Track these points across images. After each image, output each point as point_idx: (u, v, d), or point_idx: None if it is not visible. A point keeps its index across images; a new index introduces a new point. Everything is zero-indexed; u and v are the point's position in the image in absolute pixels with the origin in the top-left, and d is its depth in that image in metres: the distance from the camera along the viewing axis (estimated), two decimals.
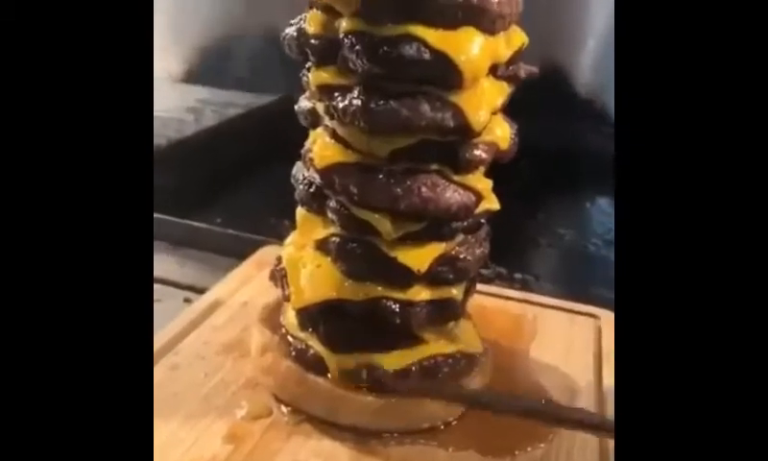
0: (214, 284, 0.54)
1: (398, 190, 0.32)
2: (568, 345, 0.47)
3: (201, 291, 0.55)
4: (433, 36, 0.30)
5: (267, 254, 0.59)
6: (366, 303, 0.35)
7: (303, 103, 0.37)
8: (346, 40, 0.31)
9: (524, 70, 0.35)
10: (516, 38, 0.34)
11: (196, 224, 0.64)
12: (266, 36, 1.11)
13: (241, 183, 0.79)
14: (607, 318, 0.50)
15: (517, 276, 0.63)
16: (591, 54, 1.03)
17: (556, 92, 1.04)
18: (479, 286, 0.45)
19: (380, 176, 0.33)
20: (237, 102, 1.05)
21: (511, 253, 0.66)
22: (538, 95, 1.09)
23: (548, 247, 0.72)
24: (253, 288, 0.53)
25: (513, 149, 0.36)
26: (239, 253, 0.59)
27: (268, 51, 1.10)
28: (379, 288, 0.35)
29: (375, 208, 0.33)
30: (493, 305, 0.51)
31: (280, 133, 0.40)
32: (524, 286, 0.61)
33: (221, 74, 1.17)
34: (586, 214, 0.84)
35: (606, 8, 1.00)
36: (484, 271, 0.63)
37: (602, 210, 0.85)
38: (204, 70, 1.19)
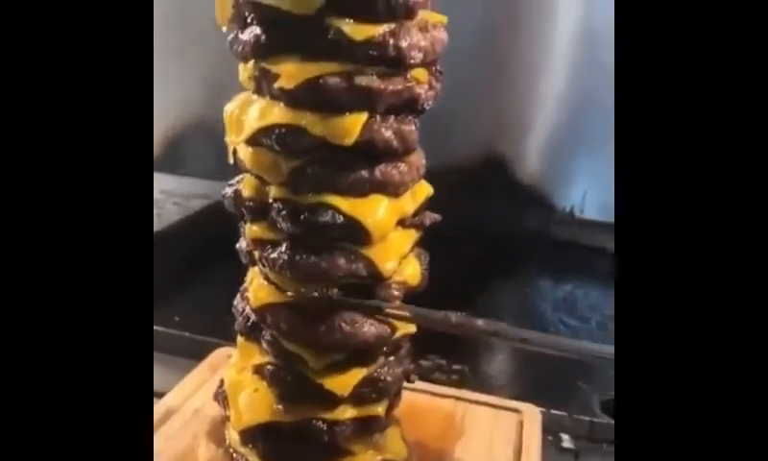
0: (170, 386, 0.58)
1: (322, 327, 0.38)
2: (491, 441, 0.52)
3: (158, 394, 0.59)
4: (345, 204, 0.36)
5: (221, 355, 0.63)
6: (297, 424, 0.40)
7: (242, 244, 0.42)
8: (274, 205, 0.37)
9: (429, 218, 0.41)
10: (420, 192, 0.41)
11: (154, 327, 0.68)
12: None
13: (199, 280, 0.84)
14: (528, 412, 0.56)
15: (456, 367, 0.68)
16: (534, 143, 1.12)
17: (499, 179, 1.12)
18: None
19: (306, 314, 0.38)
20: (199, 191, 1.10)
21: (450, 343, 0.72)
22: (482, 182, 1.17)
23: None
24: (206, 392, 0.57)
25: (423, 282, 0.42)
26: (195, 354, 0.63)
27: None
28: (309, 410, 0.40)
29: (303, 343, 0.38)
30: (425, 404, 0.56)
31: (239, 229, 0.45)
32: (461, 378, 0.66)
33: (185, 161, 1.22)
34: (525, 299, 0.90)
35: (549, 100, 1.09)
36: (424, 362, 0.68)
37: (541, 295, 0.91)
38: (169, 157, 1.23)
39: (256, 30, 0.35)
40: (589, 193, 1.10)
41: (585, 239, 1.06)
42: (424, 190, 0.41)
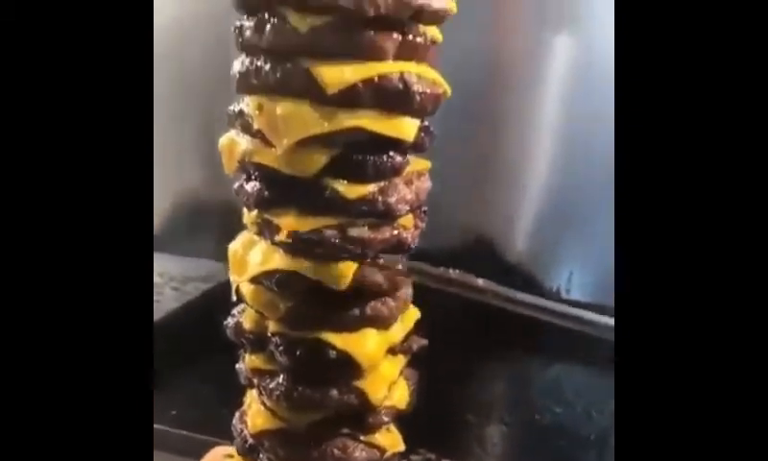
0: None
1: (315, 454, 0.40)
2: None
3: None
4: (338, 339, 0.39)
5: (217, 455, 0.65)
6: None
7: (242, 366, 0.45)
8: (272, 339, 0.40)
9: (416, 343, 0.44)
10: (408, 318, 0.44)
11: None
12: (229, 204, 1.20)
13: (197, 371, 0.85)
14: None
15: None
16: (521, 226, 1.16)
17: (487, 260, 1.15)
18: None
19: (301, 441, 0.41)
20: (197, 274, 1.13)
21: (440, 434, 0.74)
22: (471, 263, 1.21)
23: (476, 426, 0.79)
24: None
25: (412, 403, 0.45)
26: (192, 452, 0.65)
27: (229, 218, 1.20)
28: None
29: None
30: None
31: None
32: None
33: (182, 240, 1.25)
34: (514, 382, 0.92)
35: (534, 185, 1.13)
36: (414, 457, 0.70)
37: (528, 377, 0.94)
38: (166, 236, 1.26)
39: (259, 185, 0.39)
40: (575, 275, 1.14)
41: (570, 321, 1.09)
42: (412, 315, 0.44)
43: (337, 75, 0.35)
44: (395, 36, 0.36)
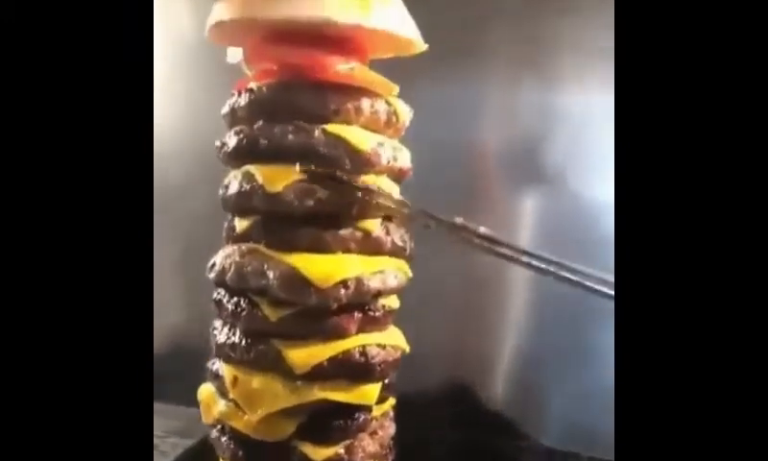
0: None
1: None
2: None
3: None
4: None
5: None
6: None
7: None
8: None
9: None
10: None
11: None
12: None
13: None
14: None
15: None
16: (499, 372, 1.18)
17: (465, 407, 1.17)
18: None
19: None
20: (176, 427, 1.12)
21: None
22: (448, 411, 1.21)
23: None
24: None
25: None
26: None
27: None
28: None
29: None
30: None
31: None
32: None
33: (161, 385, 1.24)
34: None
35: (511, 333, 1.16)
36: None
37: None
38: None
39: (233, 445, 0.41)
40: (554, 422, 1.16)
41: None
42: None
43: (305, 356, 0.39)
44: (356, 315, 0.40)
